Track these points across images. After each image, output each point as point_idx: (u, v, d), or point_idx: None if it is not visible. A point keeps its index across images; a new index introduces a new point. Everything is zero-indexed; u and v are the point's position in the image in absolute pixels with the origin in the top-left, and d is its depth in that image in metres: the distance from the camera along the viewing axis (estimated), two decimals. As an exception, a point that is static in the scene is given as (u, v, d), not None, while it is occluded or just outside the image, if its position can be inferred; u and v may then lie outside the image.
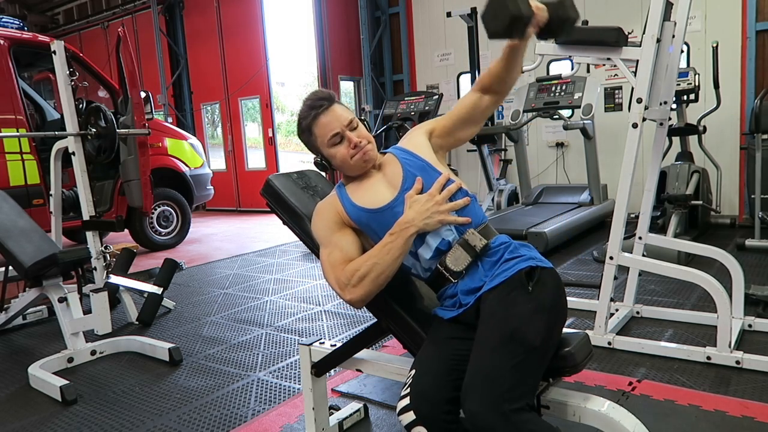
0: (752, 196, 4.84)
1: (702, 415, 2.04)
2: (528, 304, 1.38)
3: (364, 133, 1.61)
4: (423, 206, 1.48)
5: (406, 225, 1.47)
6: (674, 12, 2.57)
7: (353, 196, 1.61)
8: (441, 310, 1.56)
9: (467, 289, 1.49)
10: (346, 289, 1.50)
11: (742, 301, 2.76)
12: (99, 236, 3.46)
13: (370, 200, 1.58)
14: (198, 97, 9.91)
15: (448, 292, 1.54)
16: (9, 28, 5.20)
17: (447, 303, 1.55)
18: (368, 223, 1.58)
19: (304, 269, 4.90)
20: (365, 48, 7.98)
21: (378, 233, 1.55)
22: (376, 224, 1.56)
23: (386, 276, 1.49)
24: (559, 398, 1.45)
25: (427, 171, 1.56)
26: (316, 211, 1.65)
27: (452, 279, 1.51)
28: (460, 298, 1.50)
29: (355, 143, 1.58)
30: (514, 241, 1.56)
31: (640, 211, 2.87)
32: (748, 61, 5.58)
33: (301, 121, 1.63)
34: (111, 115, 3.48)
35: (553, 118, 5.14)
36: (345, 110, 1.62)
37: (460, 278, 1.50)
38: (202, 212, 9.55)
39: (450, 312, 1.52)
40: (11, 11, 10.96)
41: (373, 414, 2.21)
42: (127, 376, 2.74)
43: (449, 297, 1.54)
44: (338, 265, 1.54)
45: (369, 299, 1.52)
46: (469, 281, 1.49)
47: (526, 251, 1.52)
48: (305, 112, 1.61)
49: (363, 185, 1.62)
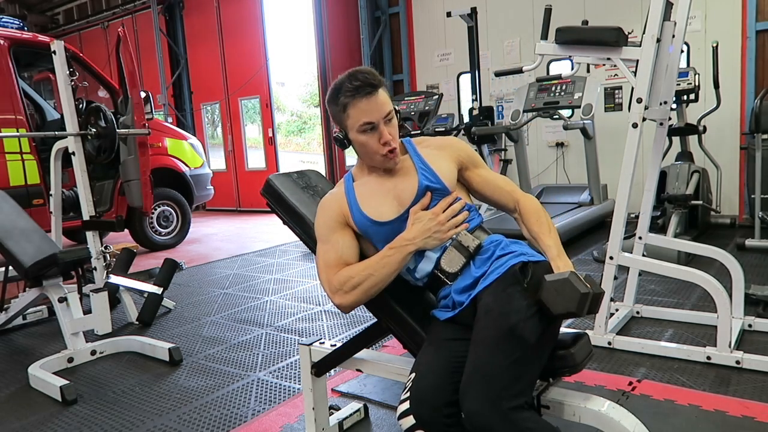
0: (752, 196, 4.84)
1: (702, 415, 2.04)
2: (524, 300, 1.38)
3: (396, 130, 1.55)
4: (425, 225, 1.49)
5: (406, 243, 1.48)
6: (674, 12, 2.56)
7: (361, 201, 1.58)
8: (438, 311, 1.57)
9: (460, 288, 1.50)
10: (337, 293, 1.52)
11: (742, 301, 2.76)
12: (99, 236, 3.46)
13: (377, 211, 1.56)
14: (198, 97, 9.90)
15: (442, 293, 1.55)
16: (9, 28, 5.20)
17: (442, 304, 1.56)
18: (370, 233, 1.58)
19: (304, 269, 4.90)
20: (365, 48, 7.98)
21: (377, 243, 1.56)
22: (377, 235, 1.57)
23: (379, 288, 1.51)
24: (559, 398, 1.45)
25: (441, 194, 1.56)
26: (321, 204, 1.64)
27: (447, 281, 1.52)
28: (453, 297, 1.51)
29: (386, 140, 1.51)
30: (505, 238, 1.56)
31: (640, 211, 2.87)
32: (748, 61, 5.57)
33: (338, 95, 1.50)
34: (111, 115, 3.48)
35: (553, 118, 5.14)
36: (387, 99, 1.51)
37: (454, 279, 1.51)
38: (202, 212, 9.55)
39: (446, 313, 1.53)
40: (11, 11, 10.95)
41: (373, 414, 2.21)
42: (127, 376, 2.74)
43: (443, 298, 1.55)
44: (332, 267, 1.54)
45: (357, 306, 1.55)
46: (461, 280, 1.50)
47: (517, 247, 1.52)
48: (348, 88, 1.48)
49: (374, 190, 1.59)
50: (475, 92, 5.78)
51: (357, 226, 1.58)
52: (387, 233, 1.54)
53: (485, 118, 5.86)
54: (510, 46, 7.06)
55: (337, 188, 1.66)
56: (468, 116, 6.04)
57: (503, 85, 7.15)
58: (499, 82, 7.08)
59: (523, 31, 6.88)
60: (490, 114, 6.24)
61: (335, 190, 1.66)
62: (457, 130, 6.24)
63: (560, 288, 1.35)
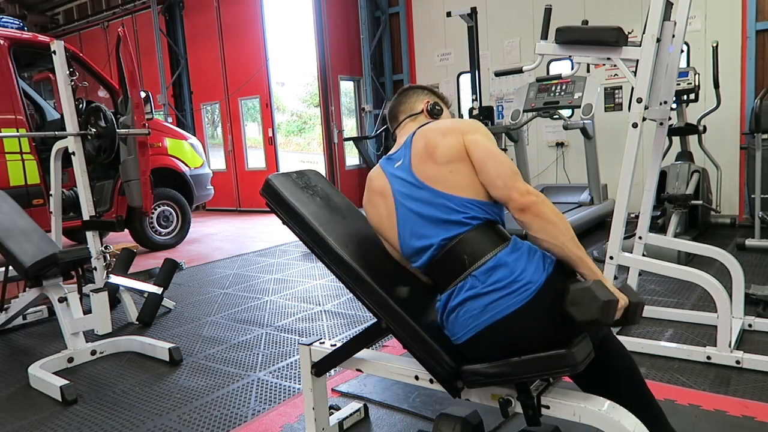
0: (752, 196, 4.84)
1: (702, 414, 2.04)
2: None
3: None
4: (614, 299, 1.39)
5: (596, 273, 1.44)
6: (674, 12, 2.56)
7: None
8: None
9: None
10: (532, 194, 1.47)
11: (742, 301, 2.76)
12: (99, 236, 3.46)
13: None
14: (198, 97, 9.90)
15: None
16: (9, 28, 5.20)
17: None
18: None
19: (304, 269, 4.90)
20: (365, 48, 7.98)
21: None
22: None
23: (557, 234, 1.44)
24: (559, 398, 1.44)
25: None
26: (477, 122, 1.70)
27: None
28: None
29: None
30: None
31: (640, 210, 2.87)
32: (748, 61, 5.58)
33: (444, 96, 1.91)
34: (111, 115, 3.48)
35: (553, 117, 5.14)
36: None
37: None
38: (202, 212, 9.55)
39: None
40: (11, 11, 10.96)
41: (373, 414, 2.21)
42: (127, 376, 2.74)
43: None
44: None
45: (537, 213, 1.45)
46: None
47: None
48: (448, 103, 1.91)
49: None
50: (475, 92, 5.78)
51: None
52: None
53: (485, 118, 5.86)
54: (510, 46, 7.06)
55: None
56: (468, 116, 6.04)
57: (503, 85, 7.15)
58: (499, 82, 7.08)
59: (523, 31, 6.88)
60: (490, 114, 6.23)
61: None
62: (457, 130, 6.23)
63: (580, 296, 1.35)
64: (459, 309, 1.46)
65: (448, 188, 1.54)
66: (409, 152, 1.64)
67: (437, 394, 2.20)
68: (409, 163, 1.63)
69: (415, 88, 1.89)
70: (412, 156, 1.63)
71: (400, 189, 1.62)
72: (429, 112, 1.80)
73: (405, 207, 1.60)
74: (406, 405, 2.25)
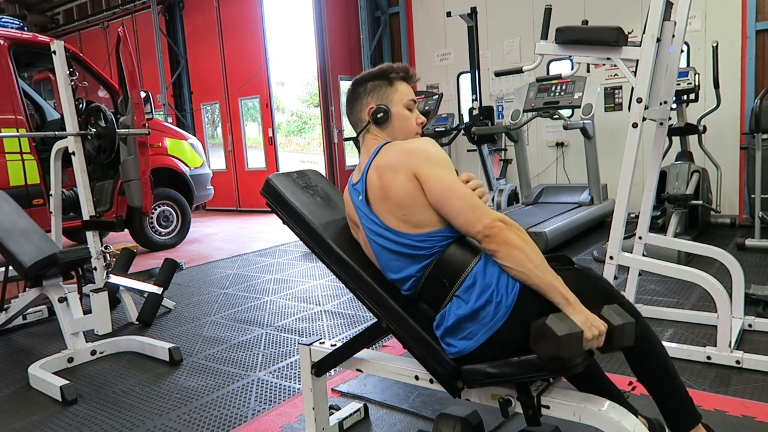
0: (752, 196, 4.84)
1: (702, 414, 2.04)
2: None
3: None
4: (592, 326, 1.35)
5: (568, 302, 1.37)
6: (674, 12, 2.56)
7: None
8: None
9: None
10: (499, 223, 1.40)
11: (742, 301, 2.76)
12: (99, 236, 3.46)
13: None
14: (198, 97, 9.91)
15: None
16: (9, 28, 5.20)
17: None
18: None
19: (304, 269, 4.90)
20: (365, 48, 7.98)
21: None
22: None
23: (524, 269, 1.39)
24: (559, 398, 1.45)
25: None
26: (432, 142, 1.58)
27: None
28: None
29: (422, 122, 1.70)
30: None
31: (640, 210, 2.87)
32: (748, 61, 5.58)
33: (389, 72, 1.67)
34: (111, 115, 3.48)
35: (553, 117, 5.14)
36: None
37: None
38: (202, 212, 9.55)
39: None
40: (11, 11, 10.96)
41: (373, 414, 2.21)
42: (127, 376, 2.74)
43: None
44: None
45: (507, 244, 1.39)
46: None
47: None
48: (396, 69, 1.67)
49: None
50: (475, 92, 5.79)
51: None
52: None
53: (485, 118, 5.87)
54: (510, 46, 7.06)
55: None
56: (468, 116, 6.04)
57: (503, 85, 7.15)
58: (499, 82, 7.08)
59: (523, 31, 6.88)
60: (490, 114, 6.25)
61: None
62: (457, 129, 6.25)
63: (540, 334, 1.31)
64: (454, 330, 1.48)
65: (410, 228, 1.52)
66: (365, 187, 1.59)
67: (437, 394, 2.20)
68: (367, 200, 1.58)
69: (357, 89, 1.70)
70: (369, 193, 1.58)
71: (367, 225, 1.59)
72: (374, 123, 1.66)
73: (375, 243, 1.59)
74: (406, 405, 2.25)
